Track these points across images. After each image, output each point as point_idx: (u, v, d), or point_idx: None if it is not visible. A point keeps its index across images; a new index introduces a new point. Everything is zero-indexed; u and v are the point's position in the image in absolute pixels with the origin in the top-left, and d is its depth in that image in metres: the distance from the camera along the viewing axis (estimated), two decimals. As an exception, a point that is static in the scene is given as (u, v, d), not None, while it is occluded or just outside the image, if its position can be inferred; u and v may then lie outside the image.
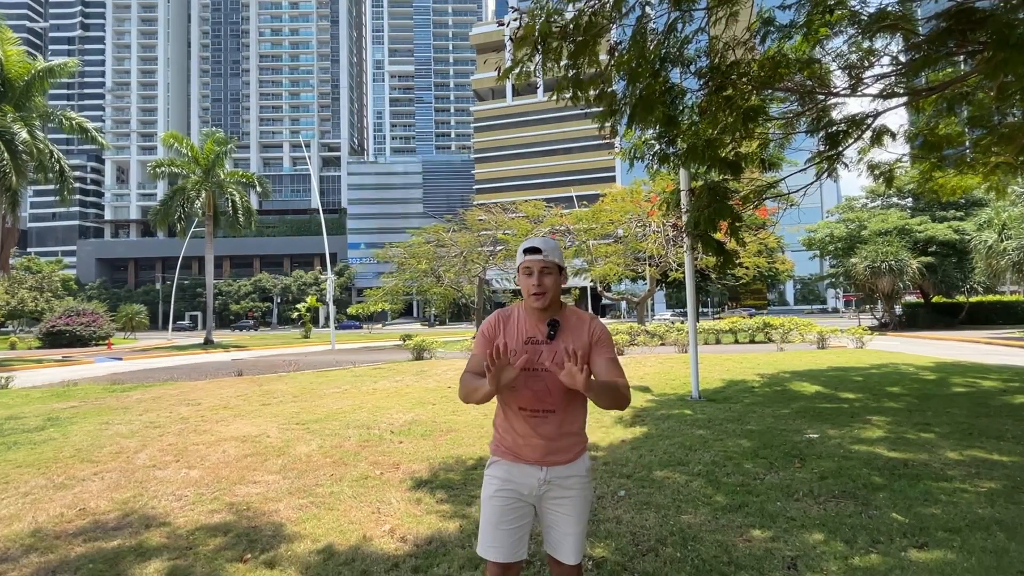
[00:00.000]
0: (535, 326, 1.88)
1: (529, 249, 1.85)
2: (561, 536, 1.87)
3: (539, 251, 1.83)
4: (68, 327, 30.97)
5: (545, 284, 1.82)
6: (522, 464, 1.86)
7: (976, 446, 5.01)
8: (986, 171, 7.82)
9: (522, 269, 1.86)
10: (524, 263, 1.85)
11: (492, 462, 1.94)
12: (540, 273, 1.83)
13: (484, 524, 1.88)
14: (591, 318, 1.93)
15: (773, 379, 9.71)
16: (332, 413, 7.48)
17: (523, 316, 1.92)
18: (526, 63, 4.88)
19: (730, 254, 6.63)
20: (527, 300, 1.87)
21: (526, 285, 1.85)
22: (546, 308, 1.85)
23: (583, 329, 1.88)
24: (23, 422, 7.29)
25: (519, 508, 1.86)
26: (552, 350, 1.83)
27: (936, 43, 4.63)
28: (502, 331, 1.90)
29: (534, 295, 1.83)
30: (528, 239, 1.91)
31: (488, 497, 1.88)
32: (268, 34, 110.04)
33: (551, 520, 1.89)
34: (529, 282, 1.84)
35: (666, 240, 23.65)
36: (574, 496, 1.87)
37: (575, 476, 1.87)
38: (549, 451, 1.84)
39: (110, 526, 3.62)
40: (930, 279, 27.27)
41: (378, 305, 31.52)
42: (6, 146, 18.59)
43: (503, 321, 1.93)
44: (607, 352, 1.87)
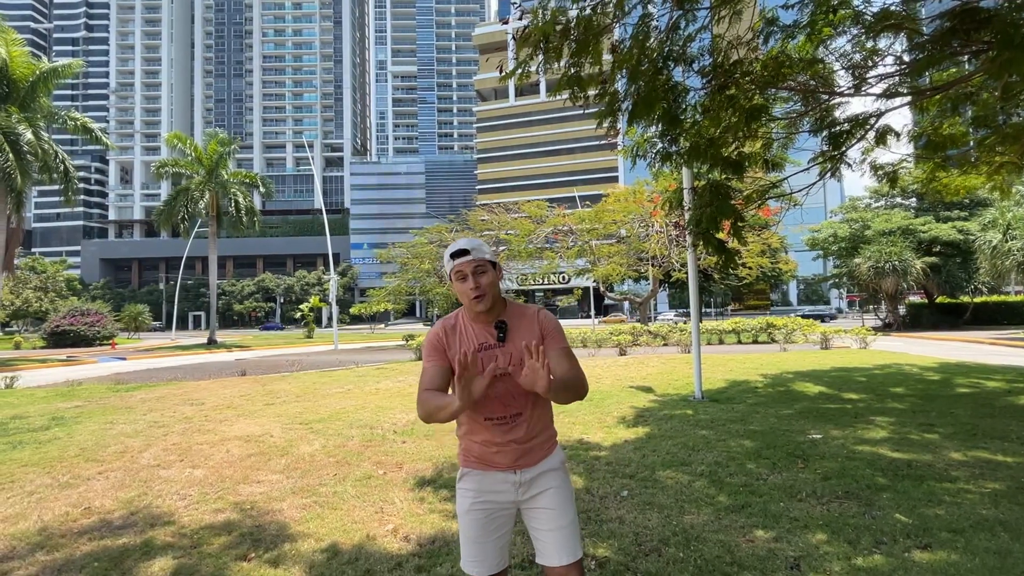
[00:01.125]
0: (483, 330, 1.80)
1: (457, 252, 1.76)
2: (546, 536, 1.77)
3: (467, 252, 1.75)
4: (72, 327, 31.12)
5: (482, 284, 1.74)
6: (494, 472, 1.79)
7: (980, 447, 4.99)
8: (990, 171, 7.79)
9: (454, 274, 1.77)
10: (455, 268, 1.76)
11: (463, 474, 1.85)
12: (474, 274, 1.74)
13: (464, 540, 1.80)
14: (536, 310, 1.86)
15: (776, 379, 9.69)
16: (335, 413, 7.50)
17: (468, 323, 1.83)
18: (528, 63, 4.88)
19: (732, 253, 6.62)
20: (468, 305, 1.77)
21: (463, 290, 1.76)
22: (489, 309, 1.77)
23: (531, 324, 1.81)
24: (28, 421, 7.33)
25: (498, 518, 1.80)
26: (507, 352, 1.76)
27: (940, 43, 4.61)
28: (450, 342, 1.81)
29: (474, 298, 1.74)
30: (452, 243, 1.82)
31: (464, 512, 1.80)
32: (271, 35, 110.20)
33: (536, 521, 1.80)
34: (465, 286, 1.75)
35: (669, 240, 23.63)
36: (554, 488, 1.80)
37: (550, 471, 1.81)
38: (521, 454, 1.78)
39: (115, 525, 3.63)
40: (934, 279, 27.16)
41: (381, 305, 31.61)
42: (11, 147, 18.69)
43: (448, 332, 1.82)
44: (558, 342, 1.80)
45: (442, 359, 1.79)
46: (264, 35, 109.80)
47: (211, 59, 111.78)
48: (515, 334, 1.78)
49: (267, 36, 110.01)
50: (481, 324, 1.81)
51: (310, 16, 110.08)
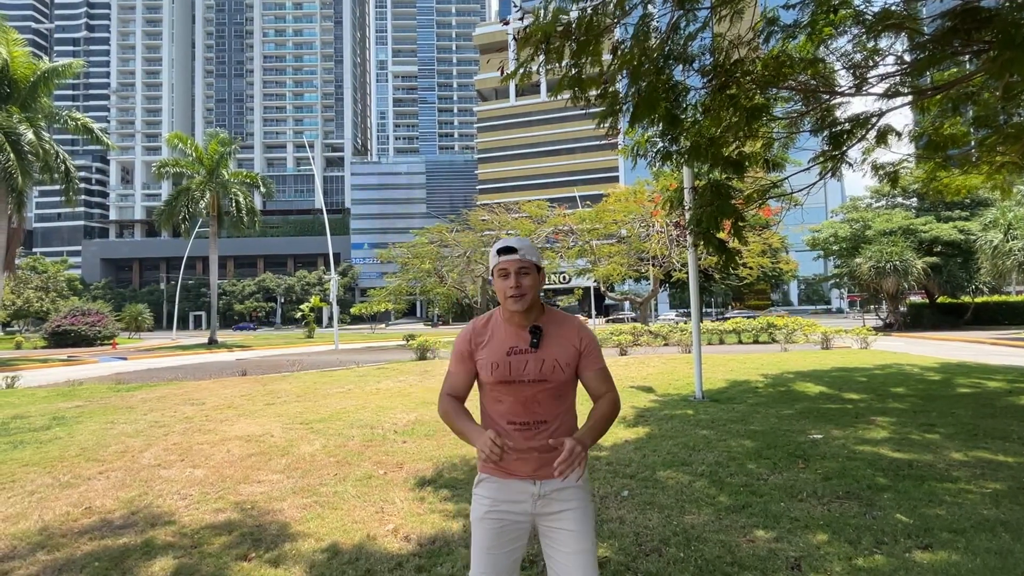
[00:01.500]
0: (516, 333, 1.74)
1: (504, 249, 1.72)
2: (565, 559, 1.68)
3: (515, 250, 1.70)
4: (73, 327, 31.15)
5: (524, 285, 1.69)
6: (513, 480, 1.73)
7: (981, 447, 4.99)
8: (991, 171, 7.79)
9: (497, 271, 1.73)
10: (499, 264, 1.71)
11: (480, 480, 1.79)
12: (518, 274, 1.69)
13: (476, 548, 1.74)
14: (579, 323, 1.80)
15: (777, 379, 9.69)
16: (336, 413, 7.50)
17: (501, 324, 1.78)
18: (529, 64, 4.88)
19: (732, 253, 6.62)
20: (505, 304, 1.73)
21: (502, 287, 1.71)
22: (526, 311, 1.72)
23: (570, 337, 1.75)
24: (29, 421, 7.34)
25: (513, 530, 1.73)
26: (538, 359, 1.71)
27: (941, 42, 4.61)
28: (479, 343, 1.77)
29: (512, 296, 1.69)
30: (501, 239, 1.78)
31: (479, 519, 1.74)
32: (272, 35, 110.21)
33: (552, 540, 1.72)
34: (506, 284, 1.70)
35: (669, 240, 23.64)
36: (573, 509, 1.71)
37: (572, 487, 1.72)
38: (542, 464, 1.70)
39: (116, 524, 3.64)
40: (935, 279, 27.13)
41: (382, 305, 31.64)
42: (12, 147, 18.71)
43: (479, 332, 1.78)
44: (596, 362, 1.77)
45: (467, 365, 1.78)
46: (265, 35, 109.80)
47: (212, 59, 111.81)
48: (549, 341, 1.73)
49: (268, 36, 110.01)
50: (516, 326, 1.75)
51: (311, 16, 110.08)
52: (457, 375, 1.80)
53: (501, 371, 1.72)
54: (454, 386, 1.79)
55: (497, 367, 1.72)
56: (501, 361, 1.72)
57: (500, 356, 1.73)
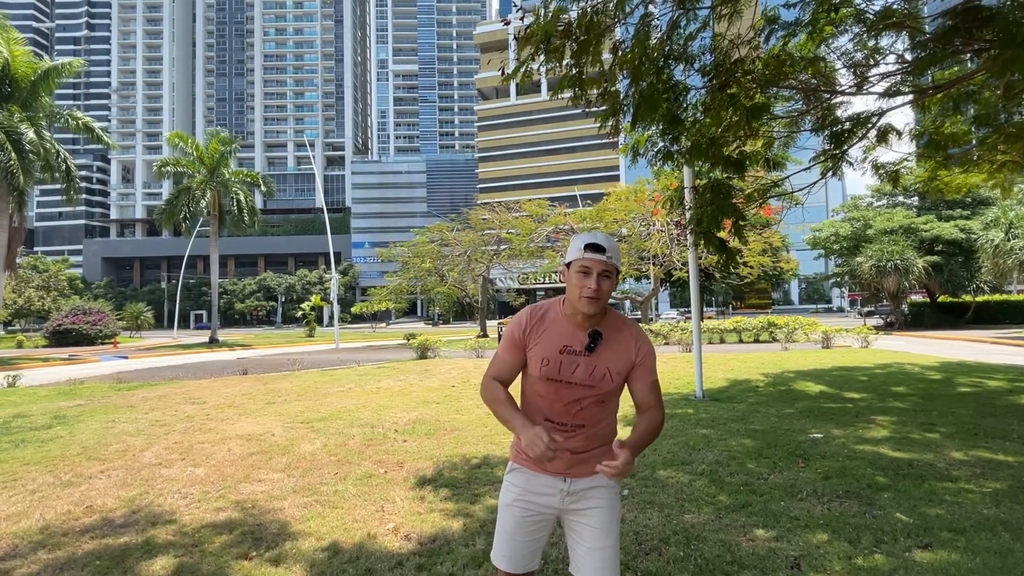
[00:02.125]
0: (573, 333, 1.67)
1: (592, 246, 1.60)
2: (586, 552, 1.70)
3: (603, 250, 1.60)
4: (74, 326, 31.18)
5: (603, 289, 1.60)
6: (544, 475, 1.72)
7: (981, 446, 4.99)
8: (992, 170, 7.78)
9: (578, 267, 1.62)
10: (583, 261, 1.61)
11: (512, 468, 1.79)
12: (599, 276, 1.60)
13: (499, 532, 1.77)
14: (638, 331, 1.73)
15: (777, 378, 9.69)
16: (336, 412, 7.51)
17: (560, 318, 1.70)
18: (529, 63, 4.88)
19: (733, 252, 6.62)
20: (576, 302, 1.64)
21: (580, 285, 1.61)
22: (594, 315, 1.65)
23: (627, 345, 1.70)
24: (30, 420, 7.35)
25: (537, 520, 1.74)
26: (590, 364, 1.65)
27: (942, 41, 4.61)
28: (534, 334, 1.71)
29: (588, 298, 1.60)
30: (588, 232, 1.68)
31: (506, 504, 1.76)
32: (272, 33, 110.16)
33: (576, 534, 1.73)
34: (585, 283, 1.60)
35: (670, 239, 23.62)
36: (601, 507, 1.71)
37: (601, 487, 1.72)
38: (575, 463, 1.70)
39: (117, 523, 3.64)
40: (936, 278, 27.09)
41: (382, 304, 31.65)
42: (13, 146, 18.72)
43: (535, 322, 1.72)
44: (650, 375, 1.73)
45: (518, 355, 1.73)
46: (265, 34, 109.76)
47: (212, 58, 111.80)
48: (605, 346, 1.67)
49: (268, 35, 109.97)
50: (575, 325, 1.68)
51: (311, 15, 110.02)
52: (505, 361, 1.74)
53: (550, 368, 1.67)
54: (500, 371, 1.75)
55: (547, 363, 1.67)
56: (552, 358, 1.67)
57: (552, 353, 1.68)
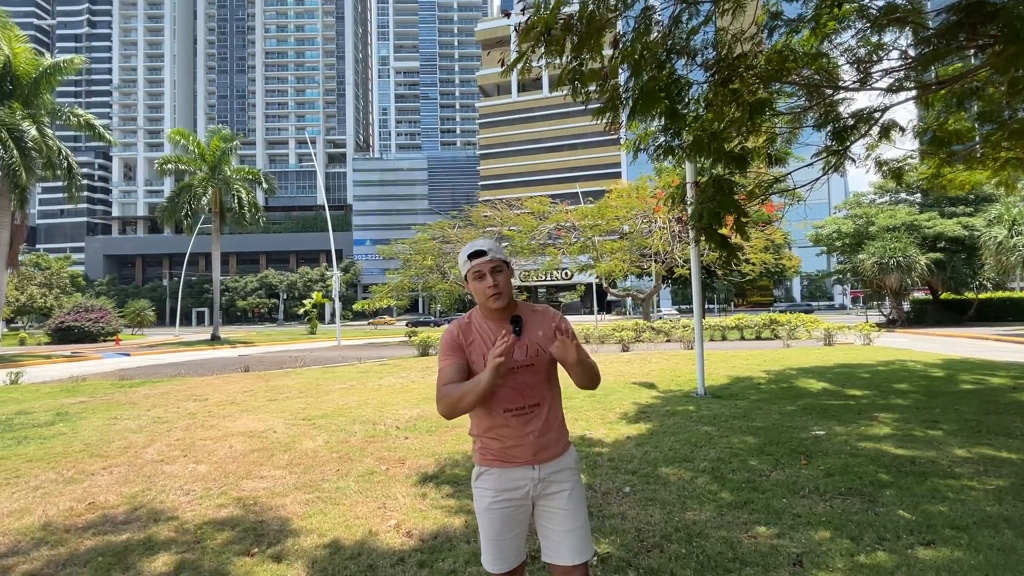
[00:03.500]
0: (498, 327, 1.84)
1: (474, 253, 1.82)
2: (560, 536, 1.81)
3: (485, 252, 1.81)
4: (76, 323, 31.27)
5: (499, 282, 1.80)
6: (513, 467, 1.82)
7: (984, 443, 4.97)
8: (996, 167, 7.74)
9: (472, 274, 1.82)
10: (473, 268, 1.82)
11: (480, 473, 1.87)
12: (492, 273, 1.80)
13: (484, 538, 1.84)
14: (550, 310, 1.93)
15: (779, 376, 9.67)
16: (338, 409, 7.51)
17: (482, 322, 1.88)
18: (530, 56, 4.85)
19: (733, 248, 6.59)
20: (485, 303, 1.84)
21: (480, 289, 1.81)
22: (505, 307, 1.84)
23: (546, 319, 1.88)
24: (33, 417, 7.37)
25: (517, 515, 1.83)
26: (522, 345, 1.81)
27: (946, 37, 4.58)
28: (467, 340, 1.86)
29: (492, 296, 1.80)
30: (468, 244, 1.88)
31: (483, 510, 1.84)
32: (274, 31, 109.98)
33: (549, 521, 1.83)
34: (483, 285, 1.81)
35: (672, 236, 23.59)
36: (568, 489, 1.84)
37: (566, 469, 1.86)
38: (539, 447, 1.82)
39: (119, 520, 3.65)
40: (939, 275, 27.00)
41: (384, 301, 31.63)
42: (15, 143, 18.73)
43: (464, 331, 1.88)
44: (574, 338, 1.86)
45: (460, 356, 1.84)
46: (266, 31, 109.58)
47: (213, 55, 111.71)
48: (529, 328, 1.85)
49: (269, 32, 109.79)
50: (495, 321, 1.86)
51: (312, 12, 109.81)
52: (451, 365, 1.83)
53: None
54: (449, 379, 1.83)
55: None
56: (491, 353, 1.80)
57: (489, 349, 1.80)
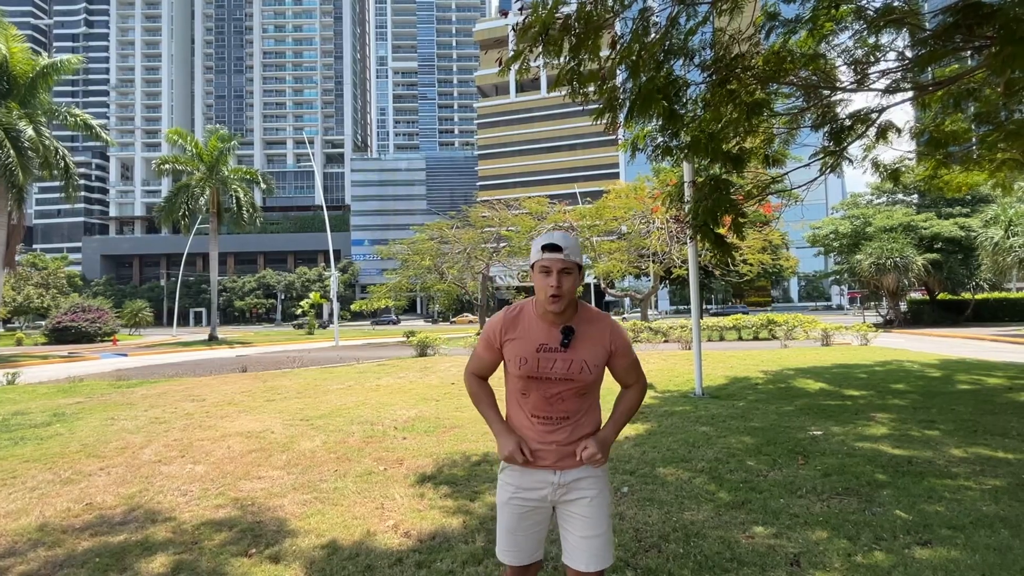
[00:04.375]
0: (547, 331, 1.71)
1: (549, 246, 1.65)
2: (577, 541, 1.75)
3: (560, 249, 1.64)
4: (74, 323, 31.18)
5: (564, 285, 1.64)
6: (535, 470, 1.77)
7: (981, 443, 4.99)
8: (992, 168, 7.76)
9: (538, 268, 1.67)
10: (542, 261, 1.66)
11: (505, 467, 1.84)
12: (560, 274, 1.64)
13: (500, 529, 1.82)
14: (610, 321, 1.78)
15: (777, 376, 9.69)
16: (336, 409, 7.50)
17: (533, 318, 1.75)
18: (527, 55, 4.85)
19: (729, 247, 6.60)
20: (541, 302, 1.69)
21: (542, 285, 1.66)
22: (562, 312, 1.69)
23: (601, 337, 1.75)
24: (29, 417, 7.35)
25: (535, 514, 1.79)
26: (567, 359, 1.70)
27: (943, 38, 4.59)
28: (508, 336, 1.76)
29: (552, 297, 1.65)
30: (546, 233, 1.72)
31: (503, 503, 1.81)
32: (271, 30, 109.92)
33: (568, 524, 1.78)
34: (547, 283, 1.65)
35: (669, 236, 23.62)
36: (591, 497, 1.76)
37: (591, 477, 1.78)
38: (563, 455, 1.76)
39: (116, 521, 3.64)
40: (936, 276, 27.07)
41: (382, 301, 31.65)
42: (12, 143, 18.68)
43: (510, 324, 1.76)
44: (627, 358, 1.81)
45: (493, 355, 1.82)
46: (264, 31, 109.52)
47: (211, 55, 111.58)
48: (580, 341, 1.72)
49: (267, 32, 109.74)
50: (548, 323, 1.73)
51: (310, 12, 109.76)
52: (482, 359, 1.84)
53: (529, 367, 1.72)
54: (479, 367, 1.86)
55: (525, 362, 1.72)
56: (530, 357, 1.72)
57: (529, 352, 1.72)
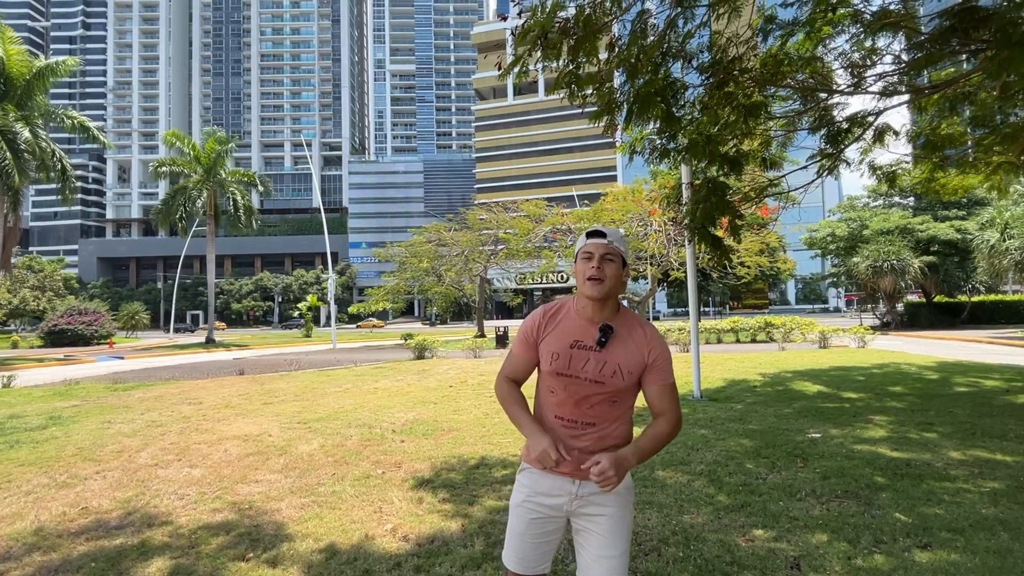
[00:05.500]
0: (585, 328, 1.66)
1: (593, 232, 1.66)
2: (592, 560, 1.65)
3: (603, 235, 1.65)
4: (70, 326, 31.04)
5: (605, 270, 1.61)
6: (553, 476, 1.68)
7: (979, 446, 5.00)
8: (988, 171, 7.79)
9: (581, 254, 1.66)
10: (585, 247, 1.65)
11: (523, 468, 1.76)
12: (601, 258, 1.62)
13: (510, 532, 1.74)
14: (653, 332, 1.70)
15: (775, 378, 9.69)
16: (334, 412, 7.48)
17: (572, 314, 1.70)
18: (526, 59, 4.86)
19: (726, 249, 6.61)
20: (583, 288, 1.64)
21: (583, 269, 1.64)
22: (602, 305, 1.64)
23: (640, 344, 1.66)
24: (25, 421, 7.30)
25: (547, 522, 1.70)
26: (600, 359, 1.63)
27: (939, 41, 4.62)
28: (546, 330, 1.70)
29: (591, 279, 1.61)
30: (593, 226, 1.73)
31: (516, 504, 1.74)
32: (269, 33, 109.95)
33: (583, 539, 1.70)
34: (587, 265, 1.63)
35: (667, 239, 23.64)
36: (609, 514, 1.66)
37: (613, 493, 1.67)
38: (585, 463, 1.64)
39: (112, 525, 3.62)
40: (932, 278, 27.19)
41: (379, 304, 31.57)
42: (8, 145, 18.63)
43: (548, 318, 1.71)
44: (663, 377, 1.67)
45: (531, 352, 1.72)
46: (262, 34, 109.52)
47: (209, 57, 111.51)
48: (617, 343, 1.65)
49: (265, 35, 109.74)
50: (586, 319, 1.67)
51: (308, 15, 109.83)
52: (518, 358, 1.74)
53: (560, 363, 1.65)
54: (514, 369, 1.75)
55: (557, 358, 1.66)
56: (563, 352, 1.65)
57: (563, 347, 1.66)
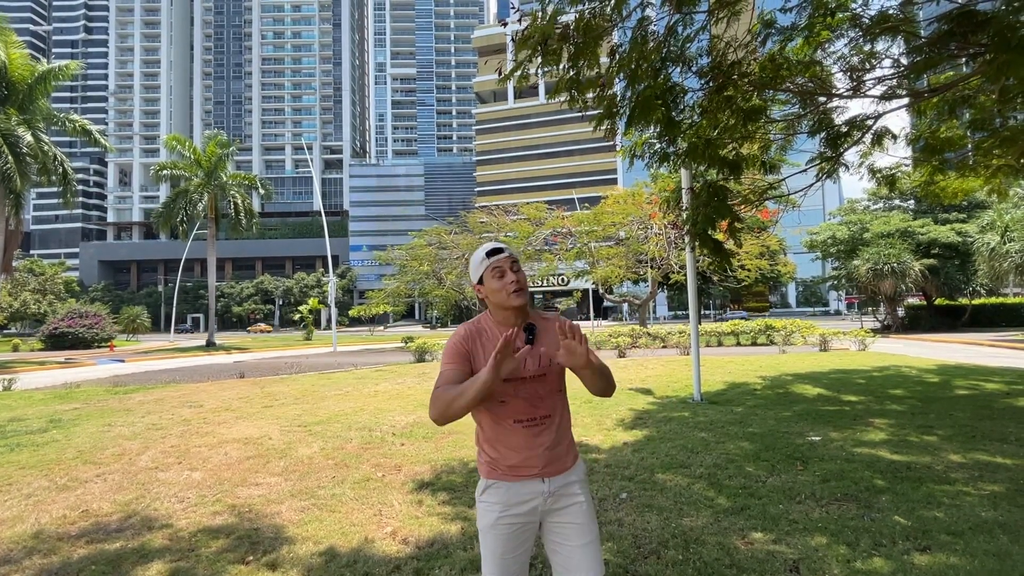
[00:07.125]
0: None
1: (493, 251, 1.76)
2: (574, 551, 1.72)
3: (503, 250, 1.76)
4: (71, 329, 31.09)
5: (520, 279, 1.74)
6: (523, 480, 1.73)
7: (979, 449, 4.99)
8: (988, 174, 7.80)
9: (491, 272, 1.74)
10: (493, 264, 1.74)
11: (487, 487, 1.77)
12: (512, 268, 1.74)
13: (488, 556, 1.74)
14: (553, 315, 1.85)
15: (775, 381, 9.69)
16: (334, 415, 7.48)
17: (492, 328, 1.79)
18: (527, 65, 4.88)
19: (727, 253, 6.61)
20: (507, 300, 1.73)
21: (501, 286, 1.72)
22: (520, 309, 1.75)
23: (554, 328, 1.78)
24: (26, 424, 7.31)
25: (523, 532, 1.75)
26: (535, 354, 1.74)
27: (937, 45, 4.63)
28: (475, 348, 1.76)
29: (515, 292, 1.72)
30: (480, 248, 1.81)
31: (488, 527, 1.74)
32: (270, 37, 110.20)
33: (560, 537, 1.75)
34: (504, 281, 1.72)
35: (668, 242, 23.66)
36: (579, 502, 1.76)
37: (576, 482, 1.79)
38: (549, 460, 1.75)
39: (112, 528, 3.62)
40: (933, 281, 27.16)
41: (380, 307, 31.62)
42: (10, 149, 18.67)
43: (473, 337, 1.78)
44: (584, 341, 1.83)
45: (463, 364, 1.73)
46: (263, 37, 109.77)
47: (210, 61, 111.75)
48: (542, 335, 1.77)
49: (266, 38, 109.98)
50: (508, 327, 1.75)
51: (309, 18, 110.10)
52: (455, 370, 1.71)
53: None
54: (449, 380, 1.70)
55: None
56: None
57: None
